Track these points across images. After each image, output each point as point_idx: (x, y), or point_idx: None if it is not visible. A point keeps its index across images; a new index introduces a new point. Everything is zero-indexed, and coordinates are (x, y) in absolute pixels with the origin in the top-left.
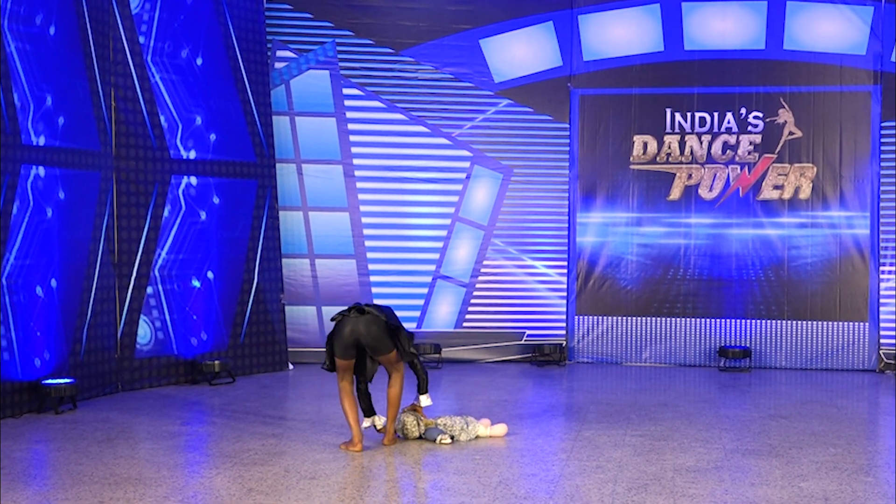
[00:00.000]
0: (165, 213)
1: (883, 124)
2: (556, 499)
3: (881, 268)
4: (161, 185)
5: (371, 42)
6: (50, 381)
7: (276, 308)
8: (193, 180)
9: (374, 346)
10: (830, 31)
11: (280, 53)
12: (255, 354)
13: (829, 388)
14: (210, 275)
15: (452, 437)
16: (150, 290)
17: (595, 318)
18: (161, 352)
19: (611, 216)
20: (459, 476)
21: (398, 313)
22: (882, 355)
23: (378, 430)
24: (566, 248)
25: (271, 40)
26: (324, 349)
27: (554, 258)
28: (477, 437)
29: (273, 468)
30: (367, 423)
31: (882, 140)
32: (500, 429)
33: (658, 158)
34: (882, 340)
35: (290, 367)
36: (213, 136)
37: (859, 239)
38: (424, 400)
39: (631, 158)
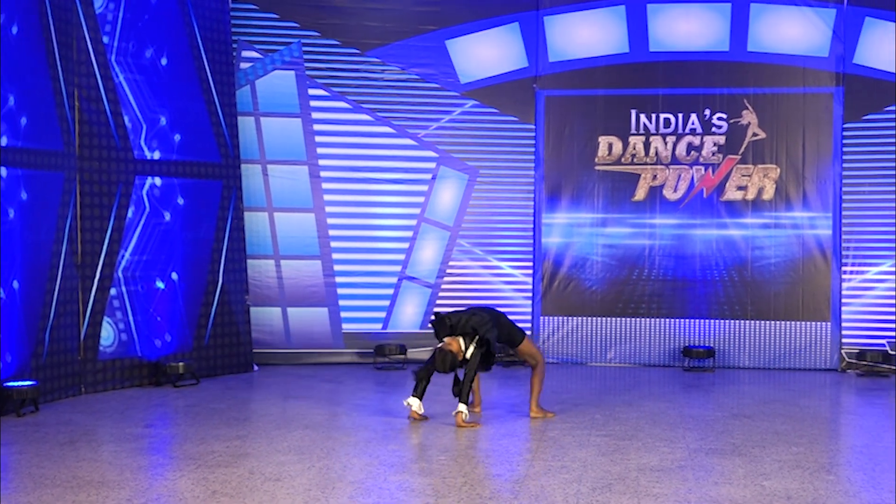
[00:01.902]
0: (129, 214)
1: (845, 126)
2: (521, 499)
3: (843, 268)
4: (125, 186)
5: (337, 43)
6: (12, 383)
7: (241, 309)
8: (158, 181)
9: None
10: (793, 34)
11: (245, 54)
12: (219, 356)
13: (791, 387)
14: (174, 276)
15: None
16: (113, 291)
17: (560, 318)
18: (125, 353)
19: (576, 217)
20: (424, 477)
21: (363, 314)
22: (844, 355)
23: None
24: (531, 248)
25: (237, 40)
26: (288, 350)
27: (519, 259)
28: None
29: (237, 470)
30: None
31: (844, 141)
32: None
33: (623, 159)
34: (844, 340)
35: (255, 368)
36: (177, 137)
37: (822, 239)
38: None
39: (596, 159)
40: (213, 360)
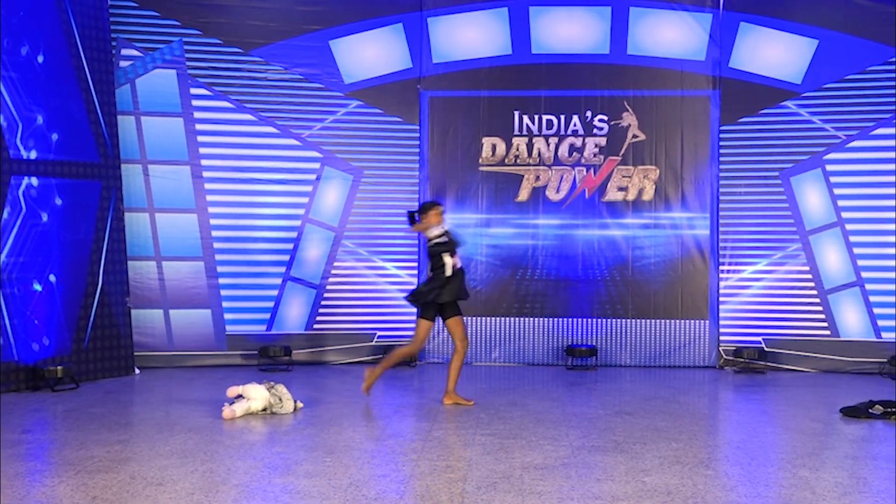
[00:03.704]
0: (5, 215)
1: (721, 128)
2: (407, 499)
3: (720, 267)
4: (0, 186)
5: (219, 41)
6: None
7: (122, 311)
8: (34, 181)
9: None
10: (672, 37)
11: (125, 52)
12: (99, 359)
13: (671, 384)
14: (52, 278)
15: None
16: None
17: None
18: (0, 358)
19: (460, 217)
20: (310, 479)
21: (247, 316)
22: (722, 352)
23: None
24: (416, 248)
25: (116, 38)
26: (171, 352)
27: (404, 259)
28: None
29: (118, 475)
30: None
31: (721, 143)
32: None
33: (506, 160)
34: (721, 338)
35: (137, 371)
36: (54, 136)
37: (700, 239)
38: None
39: (480, 160)
40: (93, 363)
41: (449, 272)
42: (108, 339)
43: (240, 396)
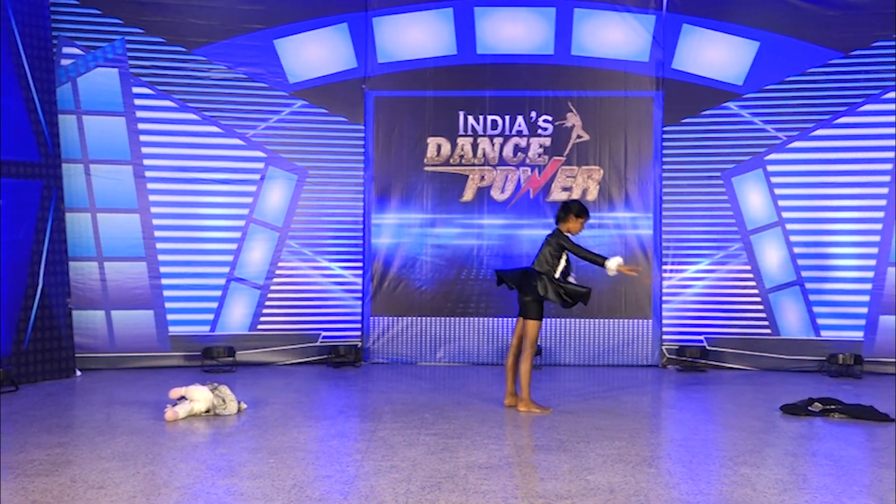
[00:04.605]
0: None
1: (665, 129)
2: (351, 500)
3: (663, 267)
4: None
5: (162, 40)
6: None
7: (63, 313)
8: None
9: None
10: (615, 39)
11: (66, 50)
12: (39, 361)
13: (614, 383)
14: None
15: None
16: None
17: (390, 318)
18: None
19: (405, 217)
20: (253, 480)
21: (190, 316)
22: (664, 350)
23: None
24: (361, 249)
25: (57, 36)
26: (113, 354)
27: (349, 259)
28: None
29: (59, 478)
30: None
31: (664, 144)
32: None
33: (451, 160)
34: (664, 336)
35: (78, 373)
36: None
37: (643, 239)
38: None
39: (425, 160)
40: (33, 365)
41: (557, 275)
42: (49, 341)
43: (183, 398)
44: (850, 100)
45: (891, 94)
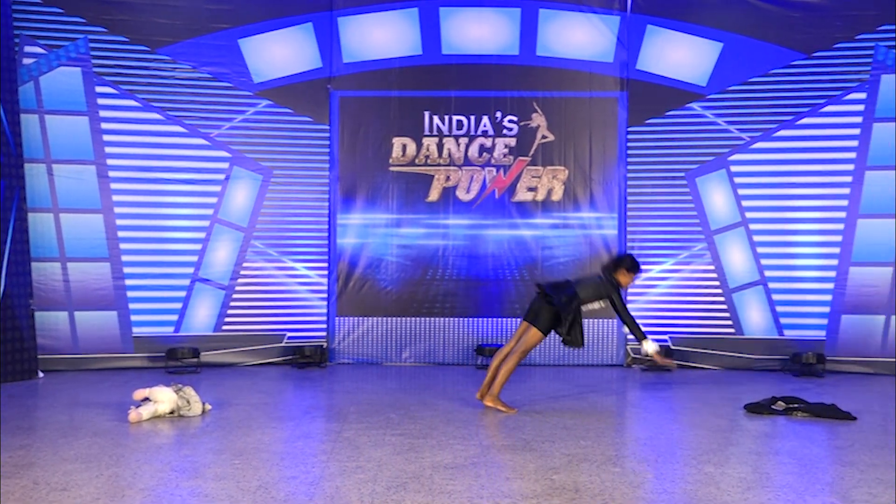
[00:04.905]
0: None
1: (629, 129)
2: (317, 500)
3: None
4: None
5: (125, 39)
6: None
7: (25, 314)
8: None
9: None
10: (580, 39)
11: (28, 49)
12: (1, 363)
13: (579, 382)
14: None
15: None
16: None
17: (355, 319)
18: None
19: (371, 217)
20: (218, 482)
21: (154, 317)
22: (629, 350)
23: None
24: (326, 249)
25: (19, 35)
26: (76, 355)
27: (314, 259)
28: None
29: (21, 481)
30: None
31: (628, 144)
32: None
33: (417, 160)
34: (629, 336)
35: (41, 375)
36: None
37: (608, 239)
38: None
39: (390, 160)
40: None
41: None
42: (11, 343)
43: (147, 399)
44: (813, 101)
45: (852, 96)
